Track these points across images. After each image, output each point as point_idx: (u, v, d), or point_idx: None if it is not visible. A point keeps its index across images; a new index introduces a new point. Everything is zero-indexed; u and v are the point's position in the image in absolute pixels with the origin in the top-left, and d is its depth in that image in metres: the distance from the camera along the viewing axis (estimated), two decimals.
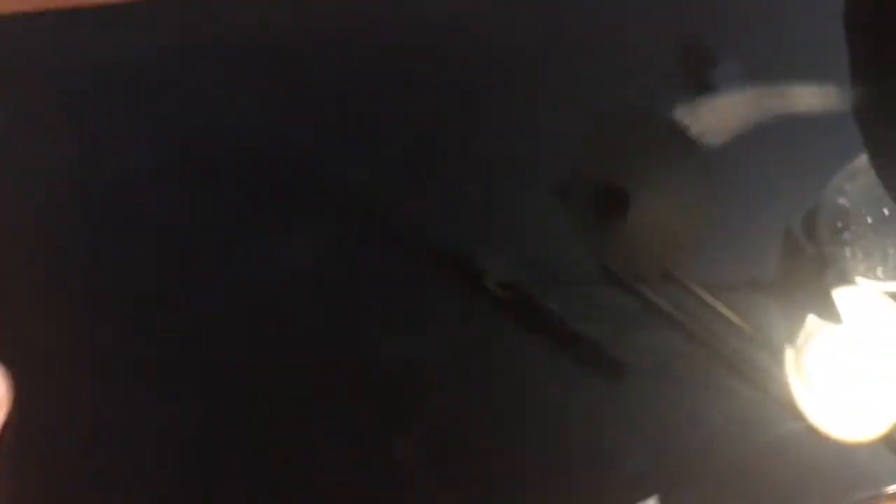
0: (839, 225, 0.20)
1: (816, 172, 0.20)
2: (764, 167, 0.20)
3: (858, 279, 0.19)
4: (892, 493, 0.20)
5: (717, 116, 0.22)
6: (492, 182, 0.19)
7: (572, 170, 0.19)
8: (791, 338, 0.19)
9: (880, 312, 0.19)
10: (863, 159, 0.20)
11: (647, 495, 0.19)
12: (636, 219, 0.19)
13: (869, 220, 0.20)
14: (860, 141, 0.19)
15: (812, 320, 0.19)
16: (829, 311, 0.19)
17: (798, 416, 0.19)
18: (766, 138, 0.20)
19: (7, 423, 0.16)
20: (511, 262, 0.19)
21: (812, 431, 0.19)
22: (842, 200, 0.20)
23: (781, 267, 0.19)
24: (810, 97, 0.23)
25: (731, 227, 0.20)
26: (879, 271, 0.19)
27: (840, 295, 0.19)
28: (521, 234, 0.19)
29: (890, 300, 0.19)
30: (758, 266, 0.19)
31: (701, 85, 0.20)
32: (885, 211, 0.20)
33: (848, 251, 0.19)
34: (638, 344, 0.19)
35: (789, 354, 0.18)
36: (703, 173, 0.19)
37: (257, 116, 0.21)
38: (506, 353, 0.20)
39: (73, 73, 0.21)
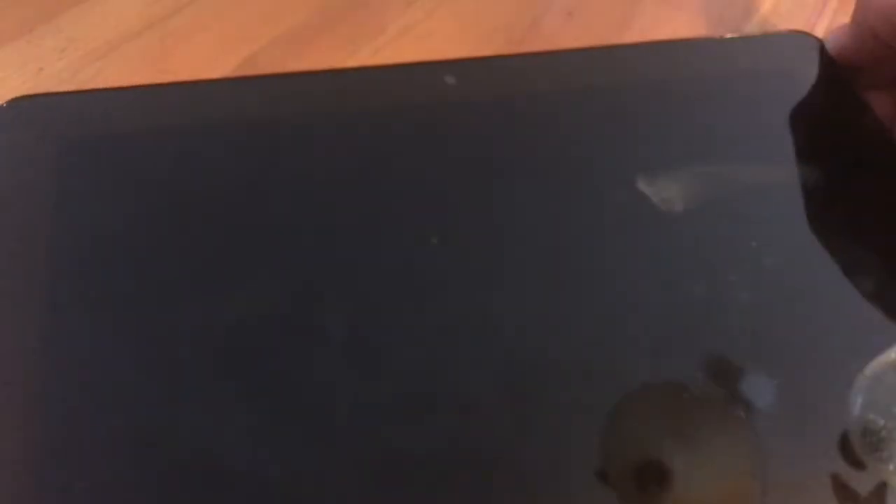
0: (875, 441, 0.19)
1: (828, 408, 0.20)
2: (798, 416, 0.19)
3: None
4: None
5: (677, 187, 0.22)
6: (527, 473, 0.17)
7: (608, 448, 0.18)
8: None
9: None
10: (875, 364, 0.20)
11: None
12: (679, 495, 0.18)
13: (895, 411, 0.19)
14: (868, 347, 0.20)
15: None
16: None
17: None
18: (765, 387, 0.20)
19: None
20: None
21: None
22: (869, 415, 0.19)
23: None
24: (761, 174, 0.24)
25: (777, 484, 0.19)
26: None
27: None
28: None
29: None
30: None
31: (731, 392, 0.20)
32: None
33: (892, 466, 0.19)
34: None
35: None
36: (742, 436, 0.19)
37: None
38: None
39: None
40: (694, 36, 0.28)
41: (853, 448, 0.18)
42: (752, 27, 0.36)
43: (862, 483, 0.18)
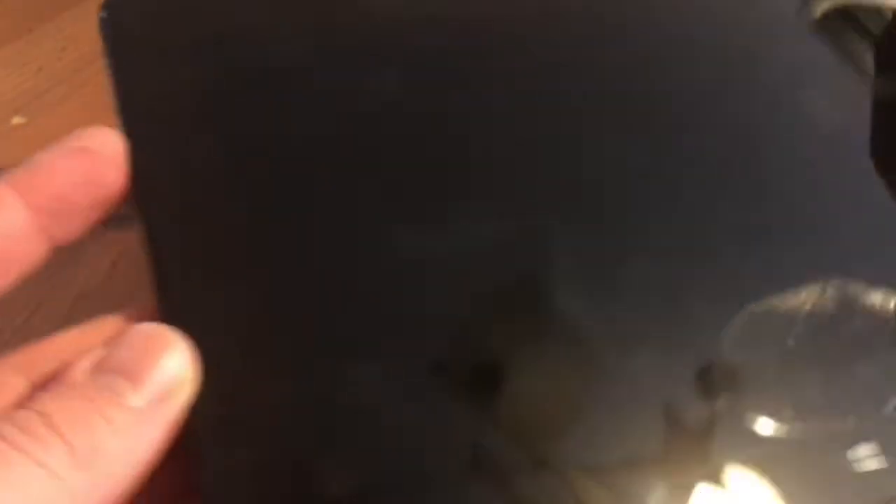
0: (737, 374, 0.19)
1: (698, 336, 0.19)
2: (643, 337, 0.19)
3: (759, 428, 0.19)
4: None
5: None
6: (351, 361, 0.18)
7: (447, 348, 0.19)
8: None
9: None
10: (759, 305, 0.20)
11: None
12: (510, 399, 0.18)
13: (773, 354, 0.19)
14: (747, 296, 0.19)
15: (699, 492, 0.18)
16: (715, 478, 0.18)
17: None
18: (642, 308, 0.20)
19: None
20: (362, 464, 0.17)
21: None
22: (738, 350, 0.19)
23: (664, 440, 0.19)
24: None
25: (609, 405, 0.18)
26: (777, 418, 0.19)
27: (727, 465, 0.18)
28: (376, 427, 0.17)
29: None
30: (640, 444, 0.18)
31: None
32: (791, 341, 0.19)
33: (749, 397, 0.19)
34: None
35: None
36: (578, 351, 0.19)
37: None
38: None
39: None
40: None
41: (712, 380, 0.18)
42: None
43: (702, 412, 0.18)
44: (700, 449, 0.18)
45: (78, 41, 0.35)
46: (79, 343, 0.16)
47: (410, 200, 0.19)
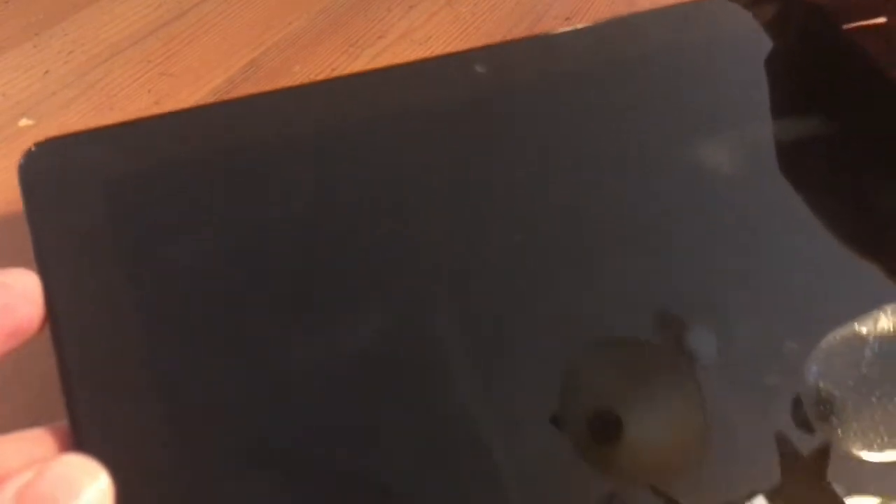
0: (826, 410, 0.20)
1: (796, 364, 0.21)
2: (748, 372, 0.20)
3: (862, 454, 0.20)
4: None
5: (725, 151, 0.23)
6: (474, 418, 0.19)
7: (564, 398, 0.19)
8: None
9: None
10: (833, 335, 0.21)
11: None
12: (630, 443, 0.19)
13: (850, 383, 0.20)
14: (824, 322, 0.20)
15: None
16: None
17: None
18: (744, 345, 0.21)
19: None
20: None
21: None
22: (823, 385, 0.20)
23: (781, 473, 0.19)
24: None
25: (726, 441, 0.19)
26: (876, 443, 0.20)
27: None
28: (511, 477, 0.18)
29: None
30: (759, 477, 0.19)
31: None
32: (864, 370, 0.20)
33: (840, 431, 0.20)
34: None
35: None
36: (694, 393, 0.20)
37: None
38: None
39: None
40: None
41: (805, 413, 0.19)
42: None
43: (806, 444, 0.19)
44: (816, 479, 0.19)
45: (85, 44, 0.35)
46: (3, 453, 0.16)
47: (310, 313, 0.19)
